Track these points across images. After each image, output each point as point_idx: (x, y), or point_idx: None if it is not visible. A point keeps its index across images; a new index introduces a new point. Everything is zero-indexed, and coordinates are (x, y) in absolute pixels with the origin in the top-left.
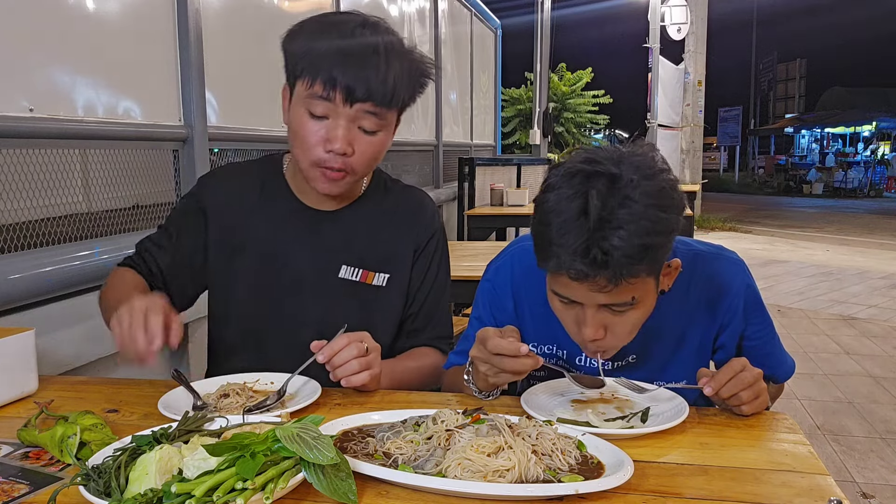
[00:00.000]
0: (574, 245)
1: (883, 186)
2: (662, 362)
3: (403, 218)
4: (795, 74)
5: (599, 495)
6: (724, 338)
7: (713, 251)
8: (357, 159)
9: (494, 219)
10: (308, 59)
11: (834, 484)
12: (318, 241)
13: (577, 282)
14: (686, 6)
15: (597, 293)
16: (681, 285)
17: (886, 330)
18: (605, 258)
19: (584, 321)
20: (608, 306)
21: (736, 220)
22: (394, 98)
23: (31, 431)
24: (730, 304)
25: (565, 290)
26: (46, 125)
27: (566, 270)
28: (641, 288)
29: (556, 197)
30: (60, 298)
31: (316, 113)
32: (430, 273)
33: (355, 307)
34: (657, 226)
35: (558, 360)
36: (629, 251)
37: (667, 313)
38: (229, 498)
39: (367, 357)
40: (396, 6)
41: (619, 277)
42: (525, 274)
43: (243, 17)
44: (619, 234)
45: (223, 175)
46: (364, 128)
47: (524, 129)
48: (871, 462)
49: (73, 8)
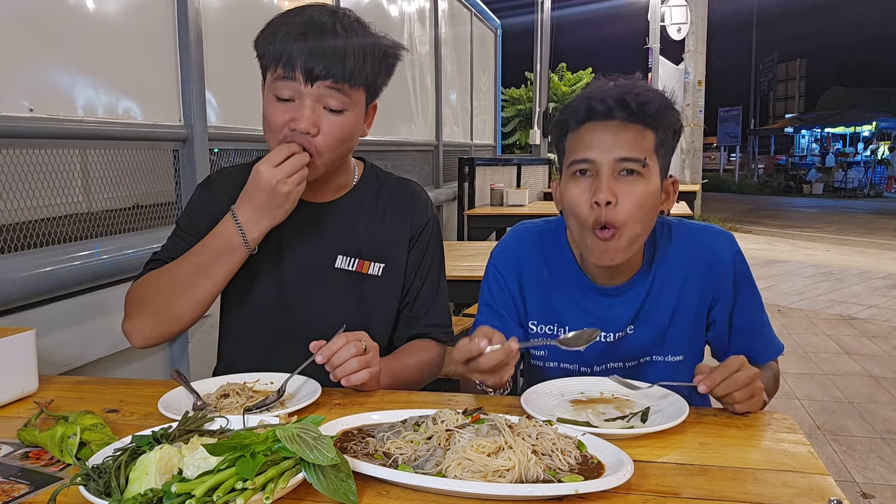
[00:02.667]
0: (603, 87)
1: (883, 186)
2: (660, 332)
3: (397, 207)
4: (795, 74)
5: (599, 495)
6: (716, 313)
7: (705, 226)
8: (322, 140)
9: (494, 219)
10: (271, 47)
11: (834, 484)
12: (312, 232)
13: (602, 122)
14: (686, 6)
15: (615, 142)
16: (675, 258)
17: (886, 330)
18: (635, 90)
19: (599, 186)
20: (624, 161)
21: (736, 220)
22: (354, 74)
23: (31, 431)
24: (720, 276)
25: (585, 150)
26: (46, 125)
27: (599, 104)
28: (651, 157)
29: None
30: (60, 298)
31: (282, 96)
32: (425, 261)
33: (352, 297)
34: (671, 104)
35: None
36: (655, 97)
37: (664, 285)
38: (229, 498)
39: (366, 356)
40: (396, 6)
41: (642, 113)
42: (527, 254)
43: (243, 17)
44: (643, 86)
45: (220, 179)
46: (329, 107)
47: (524, 129)
48: (871, 462)
49: (73, 8)
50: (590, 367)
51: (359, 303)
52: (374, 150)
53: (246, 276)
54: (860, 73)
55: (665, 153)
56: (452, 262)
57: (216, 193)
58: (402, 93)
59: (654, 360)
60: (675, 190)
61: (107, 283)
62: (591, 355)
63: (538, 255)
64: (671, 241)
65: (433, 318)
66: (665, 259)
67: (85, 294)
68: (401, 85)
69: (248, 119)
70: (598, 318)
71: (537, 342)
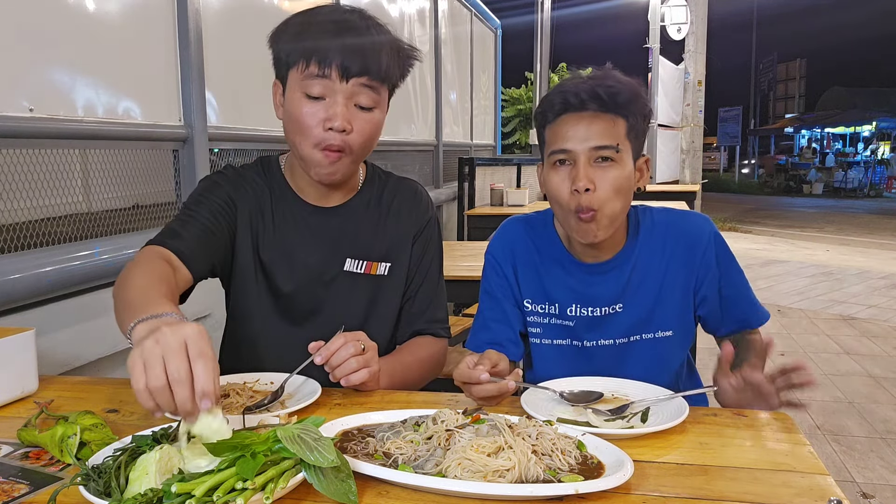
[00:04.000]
0: (577, 81)
1: (883, 186)
2: (648, 308)
3: (401, 207)
4: (795, 74)
5: (599, 495)
6: (705, 290)
7: (684, 211)
8: (355, 138)
9: (494, 219)
10: (301, 44)
11: (834, 484)
12: (322, 237)
13: (577, 112)
14: (686, 6)
15: (590, 132)
16: (657, 238)
17: (886, 330)
18: (605, 83)
19: (577, 174)
20: (598, 150)
21: (736, 220)
22: (387, 72)
23: (31, 431)
24: (703, 255)
25: (562, 141)
26: (46, 125)
27: (572, 96)
28: (623, 143)
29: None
30: (60, 298)
31: (313, 94)
32: (427, 258)
33: (362, 299)
34: (641, 91)
35: (553, 316)
36: (623, 88)
37: (648, 264)
38: (229, 498)
39: (365, 355)
40: (396, 6)
41: (613, 103)
42: (519, 241)
43: (243, 17)
44: (614, 77)
45: (234, 174)
46: (361, 104)
47: (524, 129)
48: (871, 462)
49: (73, 8)
50: (581, 343)
51: (368, 304)
52: (375, 150)
53: (256, 282)
54: (860, 73)
55: (637, 136)
56: (452, 262)
57: (231, 179)
58: (403, 93)
59: (644, 337)
60: (648, 167)
61: (107, 283)
62: (582, 332)
63: (528, 240)
64: (654, 223)
65: (433, 314)
66: (649, 237)
67: (85, 294)
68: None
69: (248, 119)
70: (584, 294)
71: (536, 386)
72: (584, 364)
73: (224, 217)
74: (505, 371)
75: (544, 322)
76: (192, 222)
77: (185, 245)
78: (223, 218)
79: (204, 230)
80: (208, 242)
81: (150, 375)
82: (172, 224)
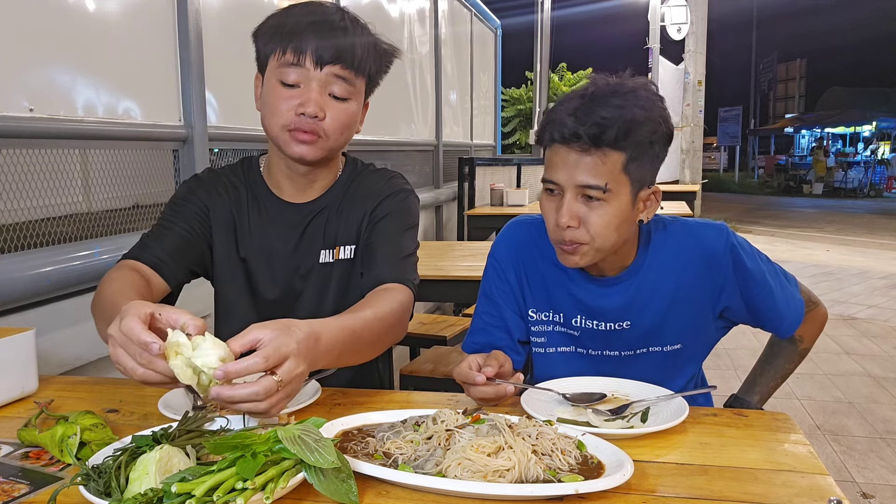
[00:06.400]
0: (571, 107)
1: (883, 186)
2: (656, 323)
3: (367, 194)
4: (795, 74)
5: (599, 495)
6: (726, 300)
7: (699, 221)
8: (329, 124)
9: (494, 219)
10: (278, 34)
11: (834, 484)
12: (299, 233)
13: (565, 146)
14: (686, 6)
15: (577, 168)
16: (669, 252)
17: (886, 330)
18: (592, 118)
19: (562, 209)
20: (584, 188)
21: (736, 220)
22: (361, 63)
23: (31, 431)
24: (719, 269)
25: (551, 171)
26: (46, 125)
27: (558, 129)
28: (617, 179)
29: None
30: (60, 298)
31: (288, 81)
32: (383, 222)
33: (335, 287)
34: (644, 115)
35: (557, 325)
36: (614, 121)
37: (659, 279)
38: (229, 498)
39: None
40: (396, 6)
41: (599, 141)
42: (524, 245)
43: (243, 17)
44: (612, 103)
45: (210, 178)
46: (334, 94)
47: (524, 129)
48: (871, 462)
49: (73, 8)
50: (585, 350)
51: (341, 290)
52: (375, 151)
53: (239, 282)
54: (860, 73)
55: (639, 167)
56: (452, 262)
57: (206, 184)
58: (402, 93)
59: (651, 350)
60: (657, 199)
61: None
62: (587, 342)
63: (535, 246)
64: (666, 236)
65: (397, 273)
66: (659, 252)
67: (85, 294)
68: (401, 85)
69: (248, 119)
70: (590, 306)
71: (536, 387)
72: (588, 370)
73: (198, 222)
74: (508, 373)
75: (548, 330)
76: (165, 233)
77: (156, 255)
78: (197, 223)
79: (177, 237)
80: (183, 249)
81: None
82: (145, 237)
